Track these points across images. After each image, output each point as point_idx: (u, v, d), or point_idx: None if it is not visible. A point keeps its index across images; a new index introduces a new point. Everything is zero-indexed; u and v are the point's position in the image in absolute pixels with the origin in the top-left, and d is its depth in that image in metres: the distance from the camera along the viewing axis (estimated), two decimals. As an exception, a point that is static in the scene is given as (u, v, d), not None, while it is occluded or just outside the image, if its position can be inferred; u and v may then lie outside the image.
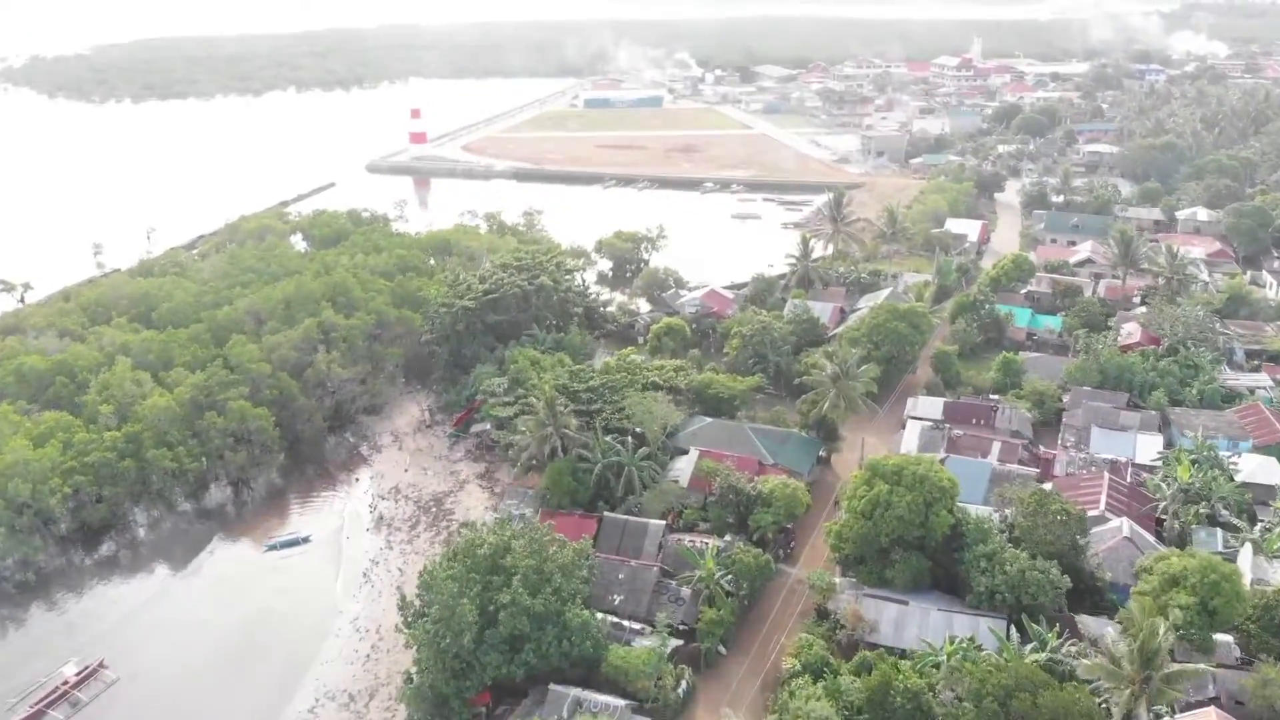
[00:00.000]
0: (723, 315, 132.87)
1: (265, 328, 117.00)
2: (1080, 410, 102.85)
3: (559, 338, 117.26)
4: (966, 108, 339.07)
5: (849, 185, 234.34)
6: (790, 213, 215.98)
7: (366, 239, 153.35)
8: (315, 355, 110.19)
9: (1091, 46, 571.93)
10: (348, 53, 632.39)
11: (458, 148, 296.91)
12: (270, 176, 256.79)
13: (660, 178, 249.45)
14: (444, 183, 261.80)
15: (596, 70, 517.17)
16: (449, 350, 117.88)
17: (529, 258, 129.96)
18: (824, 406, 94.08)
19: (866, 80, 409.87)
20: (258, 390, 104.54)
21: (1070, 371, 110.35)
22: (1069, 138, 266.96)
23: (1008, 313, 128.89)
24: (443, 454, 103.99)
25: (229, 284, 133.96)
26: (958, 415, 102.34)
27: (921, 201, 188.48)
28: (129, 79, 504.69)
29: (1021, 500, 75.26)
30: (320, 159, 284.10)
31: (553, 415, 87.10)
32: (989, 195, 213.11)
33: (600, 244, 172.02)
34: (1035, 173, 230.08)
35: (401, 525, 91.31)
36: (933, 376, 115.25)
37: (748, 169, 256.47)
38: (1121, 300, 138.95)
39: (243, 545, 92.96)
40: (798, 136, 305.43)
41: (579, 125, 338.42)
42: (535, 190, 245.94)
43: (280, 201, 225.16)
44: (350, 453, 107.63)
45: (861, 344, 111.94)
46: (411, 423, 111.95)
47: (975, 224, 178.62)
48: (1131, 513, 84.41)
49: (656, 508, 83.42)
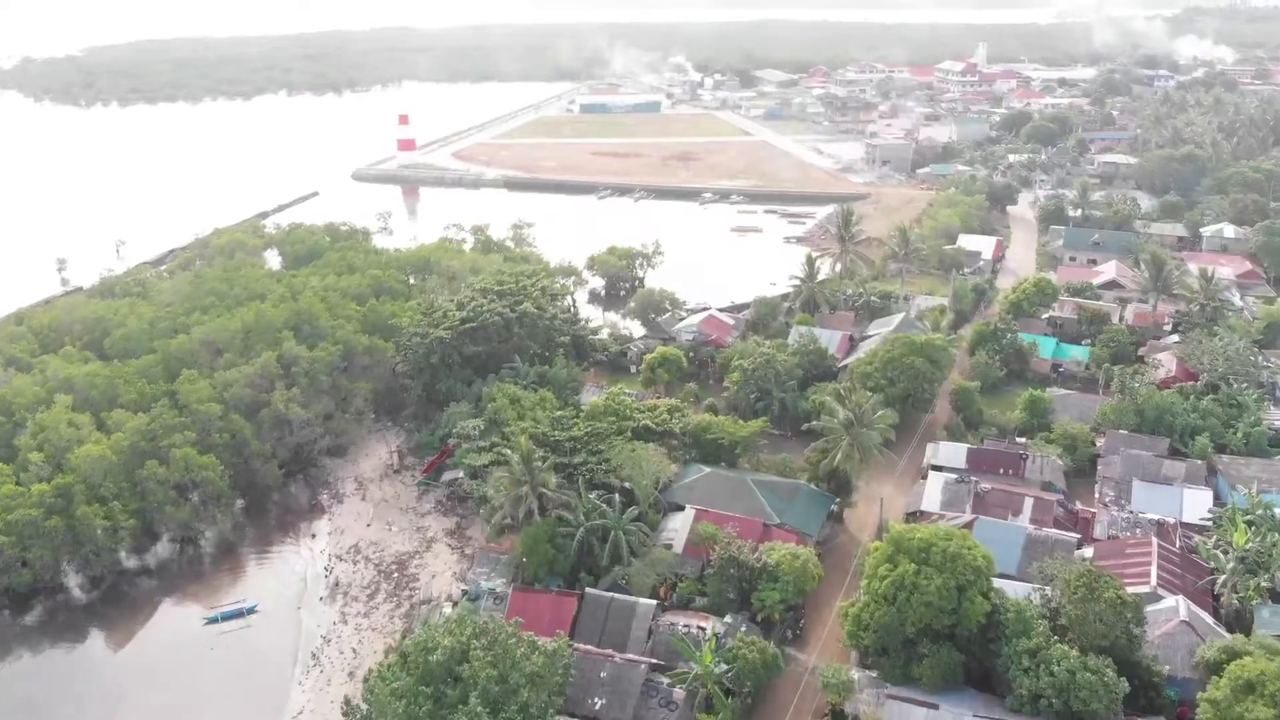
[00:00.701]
0: (722, 343, 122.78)
1: (221, 360, 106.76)
2: (1118, 459, 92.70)
3: (543, 371, 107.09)
4: (973, 114, 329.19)
5: (853, 196, 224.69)
6: (793, 226, 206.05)
7: (341, 258, 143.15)
8: (273, 393, 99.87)
9: (1095, 51, 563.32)
10: (340, 55, 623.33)
11: (448, 155, 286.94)
12: (252, 185, 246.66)
13: (657, 187, 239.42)
14: (432, 192, 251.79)
15: (593, 75, 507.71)
16: (421, 384, 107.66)
17: (512, 281, 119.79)
18: (836, 458, 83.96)
19: (869, 85, 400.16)
20: (207, 434, 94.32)
21: (1105, 413, 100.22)
22: (1081, 146, 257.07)
23: (1031, 342, 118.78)
24: (410, 505, 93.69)
25: (188, 309, 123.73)
26: (983, 464, 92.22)
27: (932, 216, 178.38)
28: (117, 82, 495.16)
29: (1068, 582, 65.08)
30: (306, 166, 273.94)
31: (529, 471, 76.86)
32: (1001, 208, 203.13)
33: (593, 261, 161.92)
34: (1049, 184, 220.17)
35: (359, 594, 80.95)
36: (952, 415, 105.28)
37: (748, 178, 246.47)
38: (1151, 327, 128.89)
39: (189, 611, 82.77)
40: (799, 144, 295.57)
41: (574, 131, 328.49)
42: (527, 200, 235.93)
43: (259, 213, 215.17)
44: (310, 501, 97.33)
45: (874, 379, 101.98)
46: (378, 467, 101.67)
47: (989, 240, 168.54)
48: (1186, 587, 74.29)
49: (646, 581, 73.24)
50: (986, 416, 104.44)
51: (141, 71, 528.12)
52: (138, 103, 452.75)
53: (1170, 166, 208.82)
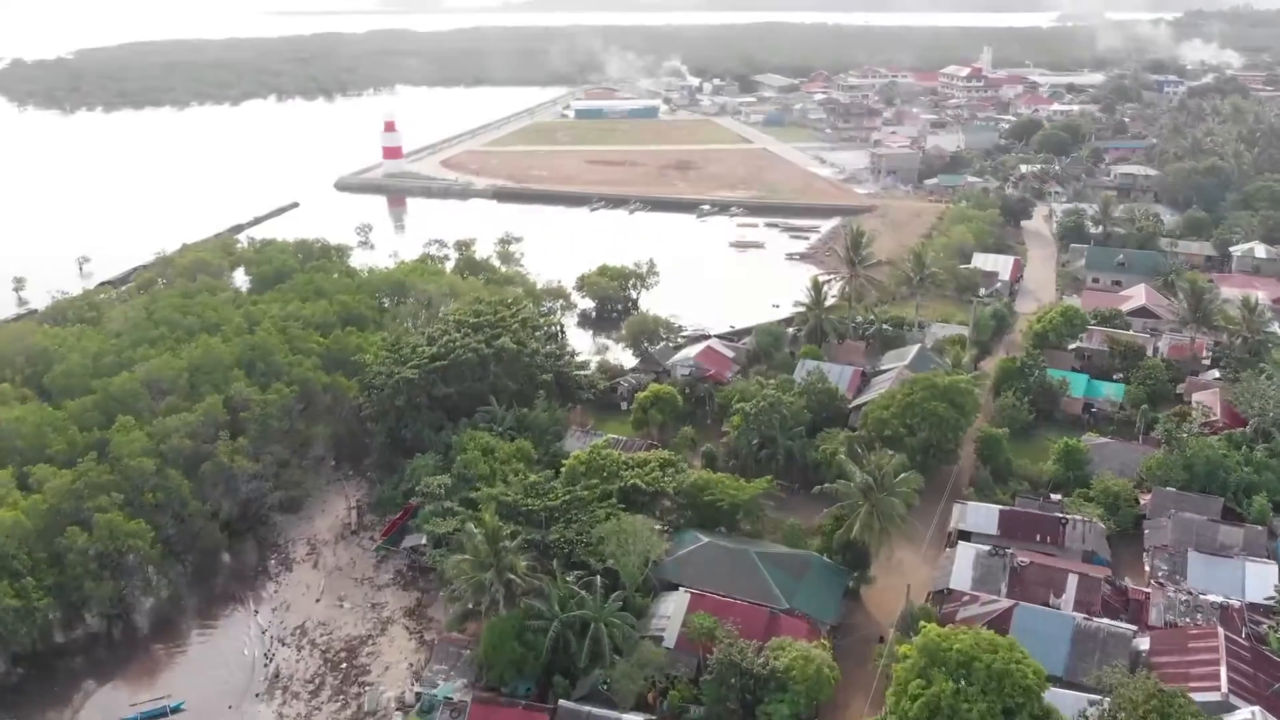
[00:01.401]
0: (720, 379, 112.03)
1: (163, 403, 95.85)
2: (1169, 524, 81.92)
3: (522, 415, 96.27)
4: (980, 122, 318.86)
5: (858, 209, 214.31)
6: (795, 240, 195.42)
7: (309, 281, 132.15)
8: (217, 443, 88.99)
9: (1100, 56, 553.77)
10: (332, 58, 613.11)
11: (436, 163, 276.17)
12: (232, 195, 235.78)
13: (653, 199, 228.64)
14: (419, 203, 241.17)
15: (589, 79, 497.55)
16: (386, 429, 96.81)
17: (490, 312, 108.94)
18: (854, 528, 73.17)
19: (872, 91, 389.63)
20: (139, 493, 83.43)
21: (1150, 468, 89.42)
22: (1095, 156, 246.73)
23: (1061, 380, 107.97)
24: (366, 575, 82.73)
25: (136, 340, 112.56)
26: (1017, 529, 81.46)
27: (944, 232, 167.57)
28: (103, 86, 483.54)
29: (1134, 704, 54.26)
30: (289, 175, 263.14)
31: (495, 554, 65.96)
32: (1015, 223, 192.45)
33: (583, 281, 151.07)
34: (1064, 197, 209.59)
35: (301, 689, 69.94)
36: (978, 466, 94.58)
37: (748, 189, 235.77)
38: (1189, 361, 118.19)
39: (119, 698, 72.00)
40: (801, 152, 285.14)
41: (569, 138, 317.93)
42: (516, 212, 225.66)
43: (234, 225, 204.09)
44: (257, 566, 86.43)
45: (892, 426, 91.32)
46: (335, 526, 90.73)
47: (1007, 260, 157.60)
48: (1259, 690, 63.51)
49: (633, 685, 62.43)
50: (1016, 467, 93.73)
51: (129, 75, 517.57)
52: (123, 108, 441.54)
53: (1193, 179, 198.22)
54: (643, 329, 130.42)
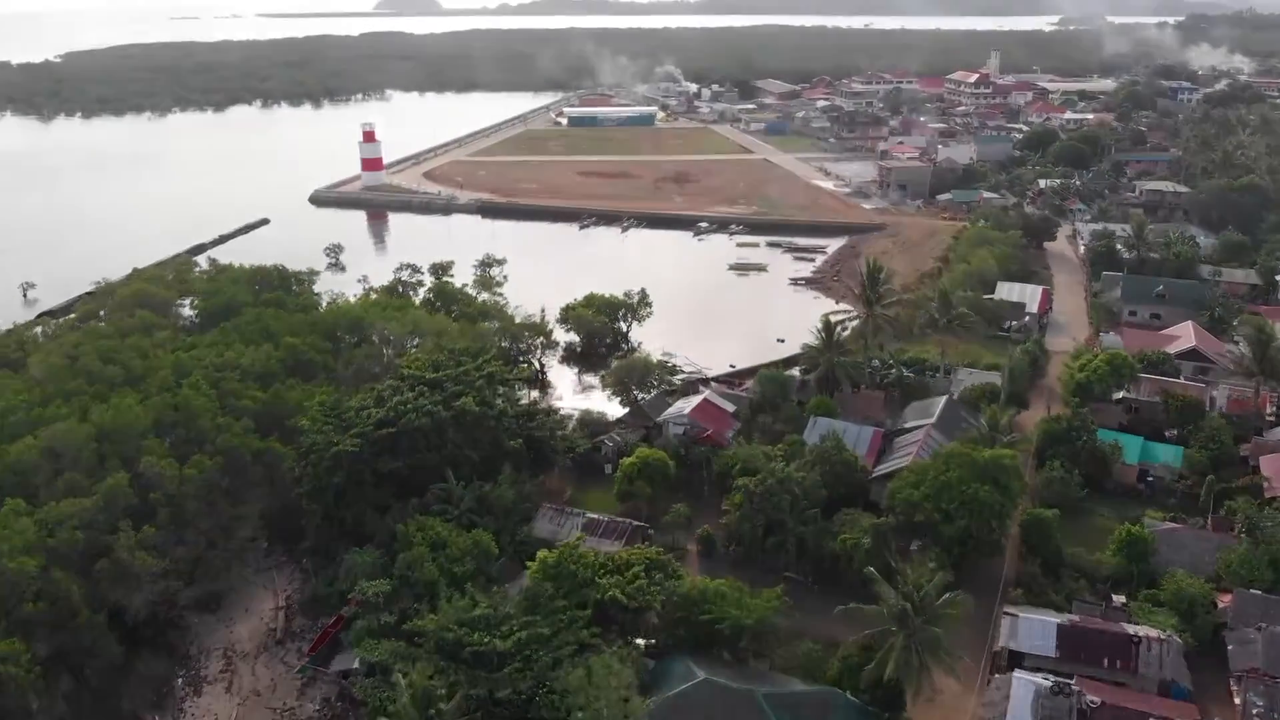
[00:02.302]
0: (719, 441, 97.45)
1: (62, 479, 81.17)
2: (1258, 640, 67.33)
3: (484, 493, 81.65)
4: (991, 131, 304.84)
5: (867, 227, 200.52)
6: (800, 262, 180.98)
7: (256, 319, 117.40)
8: (118, 536, 74.34)
9: (1106, 61, 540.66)
10: (322, 63, 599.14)
11: (420, 174, 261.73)
12: (200, 209, 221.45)
13: (648, 215, 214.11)
14: (400, 218, 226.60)
15: (584, 84, 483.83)
16: (322, 510, 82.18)
17: (450, 365, 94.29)
18: (889, 667, 58.58)
19: (876, 97, 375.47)
20: (19, 600, 68.83)
21: (1231, 568, 74.83)
22: (1117, 170, 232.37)
23: (1114, 444, 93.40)
24: (288, 703, 68.05)
25: (50, 395, 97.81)
26: (1081, 650, 66.86)
27: (964, 257, 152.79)
28: (84, 92, 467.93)
29: None
30: (264, 187, 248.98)
31: (428, 720, 51.44)
32: (1038, 245, 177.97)
33: (567, 314, 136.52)
34: (1087, 215, 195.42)
35: None
36: (1024, 556, 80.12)
37: (748, 204, 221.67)
38: (1252, 416, 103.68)
39: None
40: (804, 163, 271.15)
41: (560, 147, 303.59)
42: (502, 229, 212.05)
43: (195, 246, 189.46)
44: (162, 687, 71.67)
45: (925, 511, 76.91)
46: (258, 632, 75.96)
47: (1034, 290, 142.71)
48: None
49: None
50: (1069, 557, 79.27)
51: (113, 79, 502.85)
52: (104, 114, 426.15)
53: (1228, 198, 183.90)
54: (631, 373, 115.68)
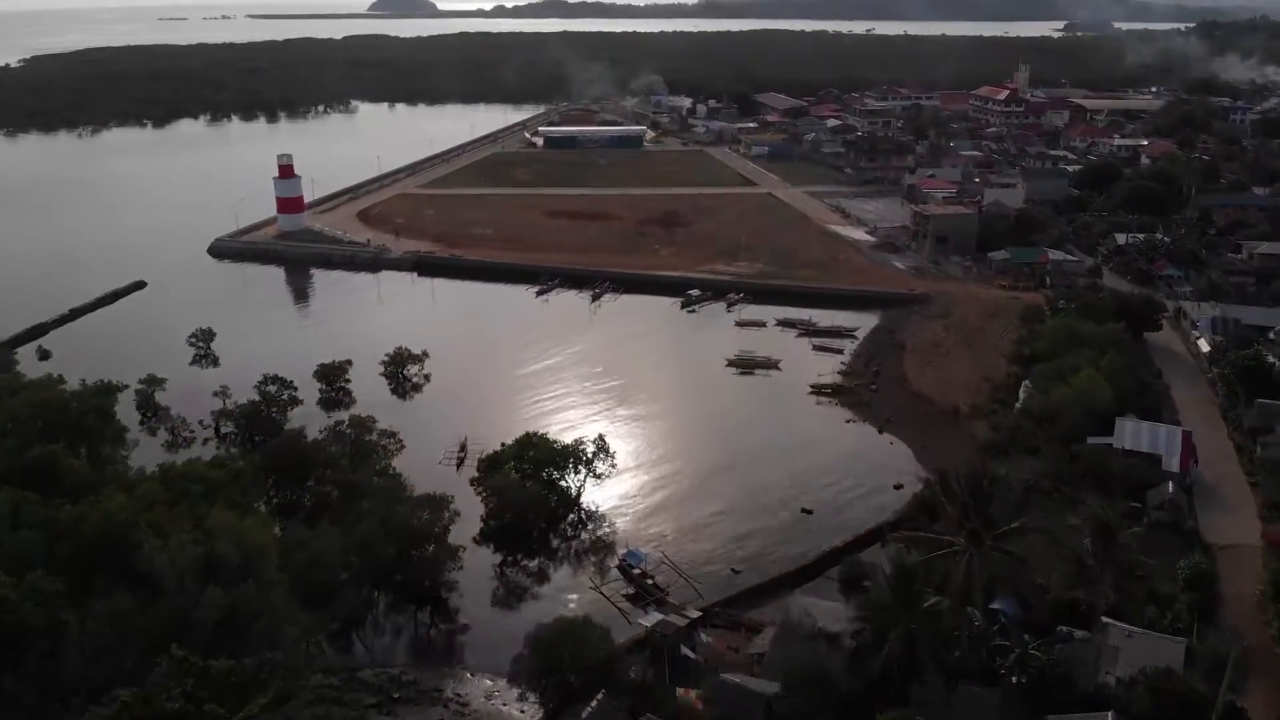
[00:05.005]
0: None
1: None
2: None
3: None
4: (1032, 159, 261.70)
5: (906, 298, 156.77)
6: (821, 355, 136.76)
7: None
8: None
9: (1130, 71, 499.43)
10: (292, 69, 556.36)
11: (354, 213, 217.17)
12: (64, 267, 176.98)
13: (626, 276, 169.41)
14: (320, 276, 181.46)
15: (568, 96, 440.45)
16: None
17: (223, 674, 49.87)
18: None
19: (894, 116, 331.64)
20: None
21: None
22: (1205, 219, 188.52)
23: None
24: None
25: None
26: None
27: (1066, 380, 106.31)
28: (17, 103, 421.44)
29: None
30: (158, 231, 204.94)
31: None
32: (1135, 335, 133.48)
33: (486, 483, 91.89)
34: (1187, 286, 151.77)
35: None
36: None
37: (751, 259, 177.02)
38: None
39: None
40: (816, 198, 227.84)
41: (530, 176, 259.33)
42: (441, 290, 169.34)
43: (33, 326, 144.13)
44: None
45: None
46: None
47: (1172, 433, 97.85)
48: None
49: None
50: None
51: (49, 90, 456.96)
52: (31, 130, 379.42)
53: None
54: (570, 635, 69.63)
